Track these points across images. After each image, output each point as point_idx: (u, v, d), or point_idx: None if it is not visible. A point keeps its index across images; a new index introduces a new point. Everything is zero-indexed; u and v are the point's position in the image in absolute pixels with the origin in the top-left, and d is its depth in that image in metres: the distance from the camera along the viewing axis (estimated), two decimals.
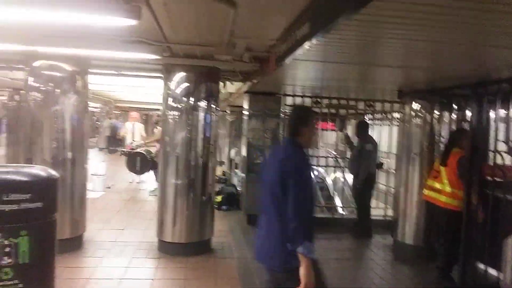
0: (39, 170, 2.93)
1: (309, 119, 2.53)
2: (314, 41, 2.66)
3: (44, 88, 4.62)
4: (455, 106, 5.15)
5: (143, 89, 10.39)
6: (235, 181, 9.17)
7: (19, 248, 2.65)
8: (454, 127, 5.13)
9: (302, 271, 2.23)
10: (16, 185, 2.65)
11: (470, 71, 3.76)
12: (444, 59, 3.34)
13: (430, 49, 2.96)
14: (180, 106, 4.84)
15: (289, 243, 2.28)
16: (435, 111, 5.18)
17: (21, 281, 2.66)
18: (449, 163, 4.43)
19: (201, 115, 4.89)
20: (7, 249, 2.60)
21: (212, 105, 4.98)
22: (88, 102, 5.18)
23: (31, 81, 4.67)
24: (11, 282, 2.62)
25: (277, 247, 2.38)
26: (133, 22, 2.76)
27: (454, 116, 5.20)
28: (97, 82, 8.15)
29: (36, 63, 4.63)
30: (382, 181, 8.42)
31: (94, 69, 5.21)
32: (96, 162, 8.90)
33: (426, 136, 5.20)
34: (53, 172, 2.96)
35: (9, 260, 2.61)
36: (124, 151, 9.25)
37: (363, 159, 6.06)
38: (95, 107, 20.19)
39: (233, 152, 10.69)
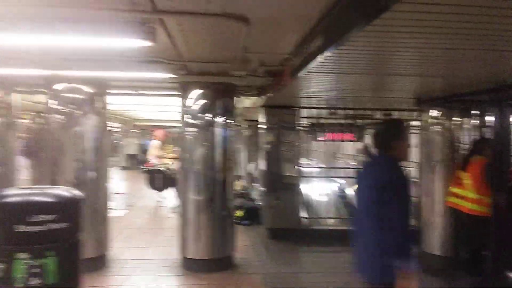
0: (64, 190, 3.00)
1: (401, 133, 2.54)
2: (327, 53, 2.67)
3: (65, 110, 4.75)
4: (475, 112, 5.06)
5: (160, 108, 10.56)
6: (254, 195, 9.15)
7: (47, 268, 2.69)
8: (475, 133, 5.03)
9: (403, 284, 2.25)
10: (42, 206, 2.71)
11: (488, 76, 3.70)
12: (461, 65, 3.30)
13: (447, 56, 2.94)
14: (197, 123, 4.90)
15: (390, 257, 2.29)
16: (455, 118, 5.10)
17: None
18: (471, 169, 4.34)
19: (218, 130, 4.94)
20: (35, 270, 2.65)
21: (228, 120, 5.03)
22: (108, 122, 5.30)
23: (52, 103, 4.81)
24: None
25: (375, 260, 2.39)
26: (149, 43, 2.84)
27: (474, 122, 5.11)
28: (115, 102, 8.34)
29: (57, 86, 4.77)
30: None
31: (113, 89, 5.34)
32: (117, 181, 9.03)
33: (446, 143, 5.11)
34: (77, 192, 3.02)
35: (38, 281, 2.66)
36: (144, 168, 9.37)
37: None
38: (114, 127, 20.58)
39: (251, 166, 10.68)
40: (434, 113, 5.19)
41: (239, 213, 7.39)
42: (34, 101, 7.39)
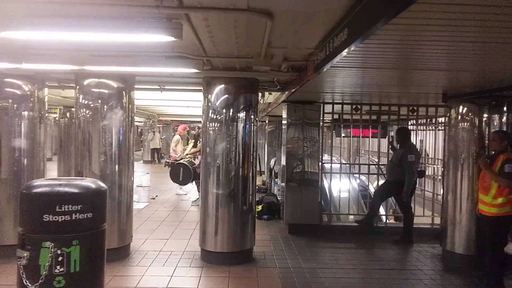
0: (89, 182, 3.07)
1: None
2: (352, 47, 2.63)
3: (92, 105, 4.87)
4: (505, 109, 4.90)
5: (184, 103, 10.69)
6: (275, 190, 9.16)
7: (71, 257, 2.77)
8: (507, 130, 4.87)
9: None
10: (68, 197, 2.78)
11: None
12: (493, 59, 3.19)
13: (478, 50, 2.84)
14: (220, 118, 4.93)
15: None
16: (484, 114, 4.94)
17: None
18: (495, 167, 4.23)
19: (241, 125, 4.95)
20: (60, 258, 2.73)
21: (251, 116, 5.04)
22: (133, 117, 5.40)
23: (81, 98, 4.93)
24: None
25: None
26: (175, 39, 2.87)
27: (504, 119, 4.95)
28: (141, 97, 8.49)
29: (86, 81, 4.89)
30: (429, 188, 8.10)
31: (139, 85, 5.43)
32: (141, 174, 9.21)
33: (474, 141, 4.96)
34: (102, 184, 3.09)
35: (62, 269, 2.74)
36: (168, 162, 9.51)
37: (405, 170, 5.86)
38: (139, 121, 20.97)
39: (272, 161, 10.69)
40: (461, 109, 5.05)
41: (259, 207, 7.41)
42: (63, 96, 7.62)
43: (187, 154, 9.48)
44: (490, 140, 4.52)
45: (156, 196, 9.56)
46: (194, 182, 8.56)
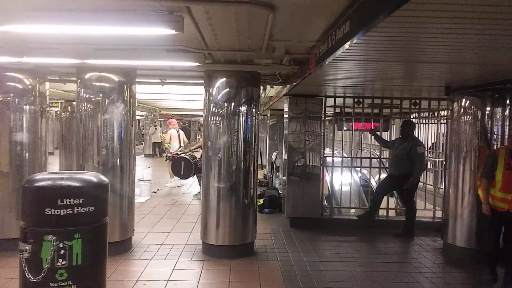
0: (91, 176, 3.07)
1: None
2: (355, 40, 2.61)
3: (94, 99, 4.86)
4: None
5: (186, 96, 10.69)
6: (276, 184, 9.16)
7: (73, 250, 2.78)
8: (508, 124, 4.85)
9: None
10: (70, 190, 2.79)
11: None
12: (496, 52, 3.16)
13: (482, 42, 2.81)
14: (221, 111, 4.92)
15: None
16: (487, 107, 4.92)
17: (75, 282, 2.79)
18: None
19: (242, 119, 4.94)
20: (62, 252, 2.74)
21: (252, 109, 5.02)
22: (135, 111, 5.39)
23: (82, 92, 4.92)
24: (66, 283, 2.76)
25: None
26: (176, 32, 2.85)
27: (507, 112, 4.92)
28: (142, 91, 8.47)
29: (87, 75, 4.88)
30: (430, 182, 8.09)
31: (140, 78, 5.42)
32: (143, 168, 9.23)
33: (477, 134, 4.95)
34: (104, 178, 3.10)
35: (64, 262, 2.75)
36: (169, 156, 9.53)
37: (415, 162, 5.85)
38: (140, 115, 20.97)
39: (274, 155, 10.69)
40: (464, 102, 5.02)
41: (261, 201, 7.42)
42: (65, 90, 7.61)
43: (190, 150, 9.50)
44: (509, 135, 4.39)
45: (158, 189, 9.59)
46: (195, 176, 8.57)
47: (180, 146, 10.19)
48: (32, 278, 2.69)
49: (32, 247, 2.72)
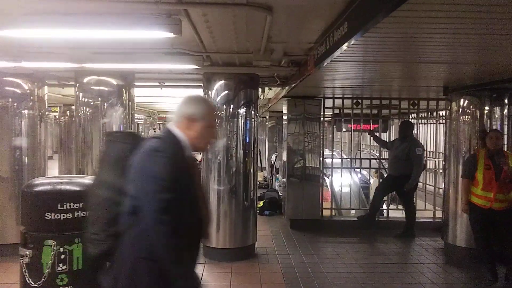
0: (91, 180, 3.07)
1: None
2: (353, 41, 2.61)
3: (93, 103, 4.86)
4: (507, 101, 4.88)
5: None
6: (276, 186, 9.16)
7: (74, 255, 2.77)
8: (508, 123, 4.86)
9: None
10: (70, 195, 2.79)
11: None
12: (494, 51, 3.17)
13: (480, 42, 2.82)
14: (220, 114, 4.92)
15: None
16: (485, 107, 4.92)
17: (76, 287, 2.78)
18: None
19: (241, 121, 4.94)
20: (62, 256, 2.74)
21: (251, 112, 5.02)
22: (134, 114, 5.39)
23: (81, 96, 4.92)
24: None
25: None
26: (174, 35, 2.85)
27: (505, 111, 4.93)
28: (141, 94, 8.46)
29: (85, 79, 4.88)
30: (430, 182, 8.09)
31: (138, 82, 5.42)
32: None
33: (475, 134, 4.95)
34: None
35: (64, 267, 2.75)
36: None
37: (413, 163, 5.85)
38: (139, 119, 20.94)
39: (273, 157, 10.69)
40: (462, 102, 5.03)
41: (261, 203, 7.41)
42: (63, 94, 7.61)
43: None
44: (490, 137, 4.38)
45: None
46: None
47: None
48: (32, 283, 2.69)
49: (32, 252, 2.71)
